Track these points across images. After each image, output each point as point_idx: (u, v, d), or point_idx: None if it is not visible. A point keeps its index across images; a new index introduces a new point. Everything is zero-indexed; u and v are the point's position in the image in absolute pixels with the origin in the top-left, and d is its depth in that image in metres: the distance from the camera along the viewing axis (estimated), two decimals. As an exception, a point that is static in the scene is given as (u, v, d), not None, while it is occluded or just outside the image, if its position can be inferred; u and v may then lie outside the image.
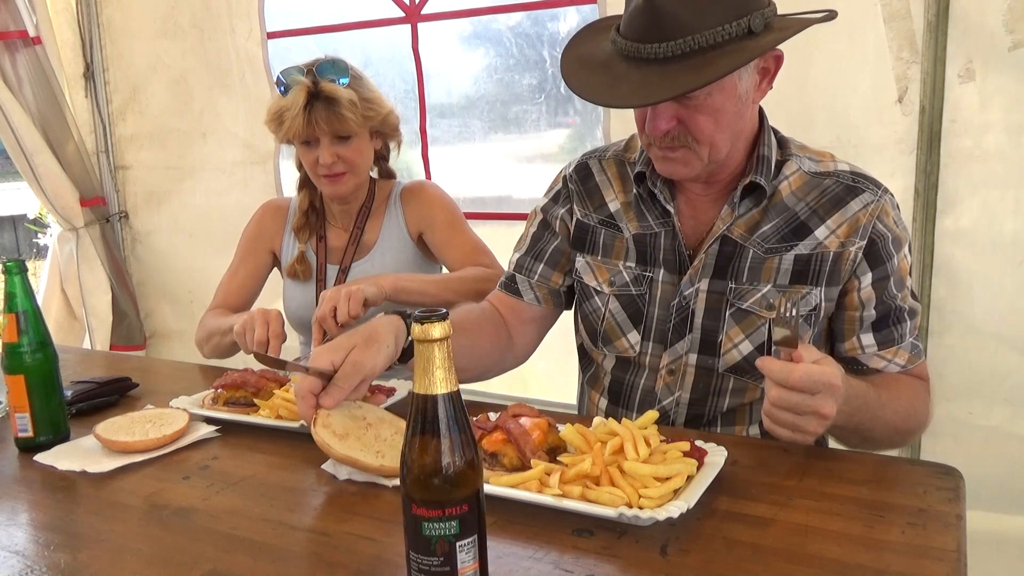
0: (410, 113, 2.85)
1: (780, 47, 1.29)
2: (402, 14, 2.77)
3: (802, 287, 1.40)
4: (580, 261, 1.57)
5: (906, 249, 1.42)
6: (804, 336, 1.40)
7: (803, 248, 1.39)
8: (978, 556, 1.12)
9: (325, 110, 1.85)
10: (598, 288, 1.54)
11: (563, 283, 1.62)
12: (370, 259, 2.05)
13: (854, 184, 1.41)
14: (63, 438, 1.47)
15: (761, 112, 1.45)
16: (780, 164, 1.43)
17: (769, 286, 1.40)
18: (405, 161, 2.91)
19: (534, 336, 1.67)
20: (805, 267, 1.39)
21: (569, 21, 2.63)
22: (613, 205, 1.54)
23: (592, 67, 1.32)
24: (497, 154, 2.87)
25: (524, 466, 1.15)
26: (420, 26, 2.76)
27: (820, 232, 1.39)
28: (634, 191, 1.51)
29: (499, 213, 2.78)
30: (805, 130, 1.58)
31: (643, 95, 1.23)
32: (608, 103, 1.32)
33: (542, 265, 1.62)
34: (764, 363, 1.15)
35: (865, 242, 1.38)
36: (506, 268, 1.71)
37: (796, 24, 1.25)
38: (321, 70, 1.88)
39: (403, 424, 1.32)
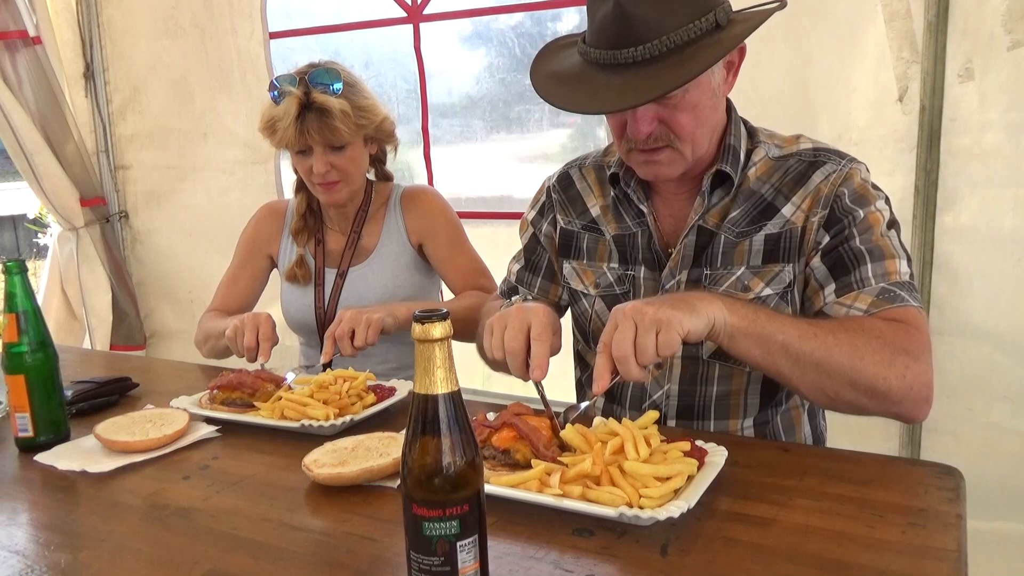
0: (412, 113, 2.85)
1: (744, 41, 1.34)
2: (404, 14, 2.78)
3: (774, 266, 1.41)
4: (567, 267, 1.60)
5: (877, 205, 1.38)
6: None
7: (772, 227, 1.41)
8: (978, 554, 1.11)
9: (317, 121, 1.83)
10: (585, 291, 1.57)
11: (561, 295, 1.65)
12: (369, 264, 2.04)
13: (815, 159, 1.43)
14: (63, 438, 1.47)
15: (729, 104, 1.48)
16: (750, 153, 1.46)
17: (743, 268, 1.42)
18: (407, 161, 2.91)
19: None
20: (775, 246, 1.41)
21: (569, 21, 2.63)
22: (595, 210, 1.57)
23: (568, 81, 1.33)
24: (499, 154, 2.87)
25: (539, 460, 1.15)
26: (422, 26, 2.76)
27: (787, 210, 1.41)
28: (612, 193, 1.54)
29: (500, 212, 2.78)
30: (806, 128, 1.58)
31: (631, 98, 1.24)
32: (596, 110, 1.34)
33: (540, 279, 1.66)
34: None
35: (827, 211, 1.38)
36: (506, 274, 1.74)
37: (758, 16, 1.29)
38: (314, 78, 1.85)
39: (379, 435, 1.33)
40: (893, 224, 1.39)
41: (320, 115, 1.83)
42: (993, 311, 2.03)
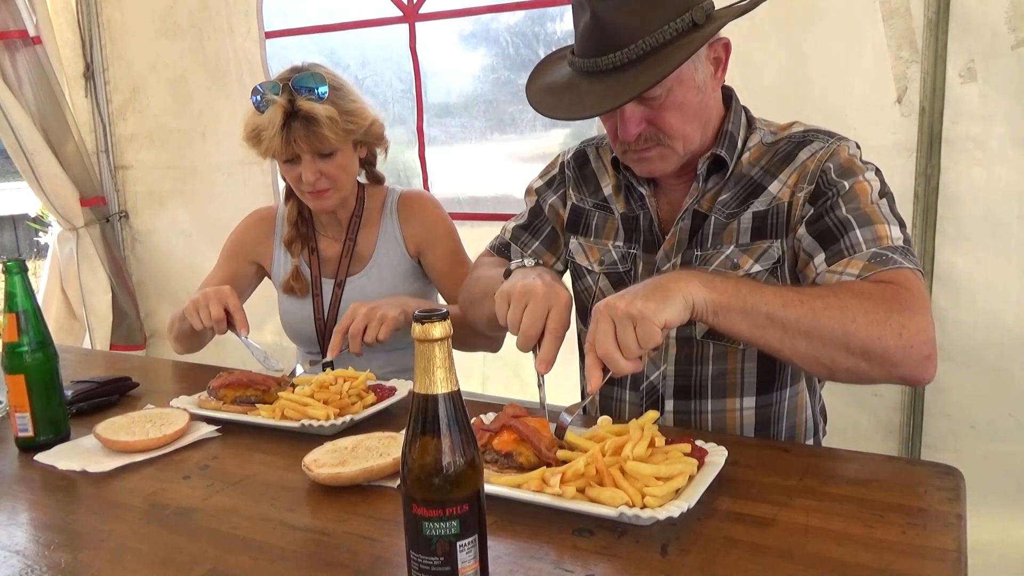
0: (408, 113, 2.85)
1: (728, 37, 1.38)
2: (400, 13, 2.77)
3: (762, 242, 1.42)
4: (573, 243, 1.63)
5: (866, 176, 1.37)
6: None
7: (759, 205, 1.43)
8: (981, 570, 1.10)
9: (303, 129, 1.77)
10: (589, 268, 1.60)
11: (554, 265, 1.68)
12: (366, 274, 2.01)
13: (804, 139, 1.45)
14: (63, 438, 1.47)
15: (731, 95, 1.51)
16: (747, 140, 1.49)
17: (732, 247, 1.44)
18: (403, 161, 2.91)
19: None
20: (763, 223, 1.42)
21: (567, 22, 2.63)
22: (607, 189, 1.61)
23: (556, 91, 1.40)
24: (496, 154, 2.86)
25: (542, 463, 1.15)
26: (418, 25, 2.75)
27: (773, 187, 1.43)
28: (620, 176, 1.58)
29: (497, 214, 2.77)
30: (799, 131, 1.57)
31: (608, 101, 1.30)
32: (579, 116, 1.39)
33: (537, 243, 1.70)
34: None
35: (813, 186, 1.38)
36: (500, 233, 1.77)
37: (730, 12, 1.33)
38: (298, 83, 1.79)
39: (379, 435, 1.33)
40: (885, 194, 1.37)
41: (306, 123, 1.77)
42: (997, 325, 1.96)
